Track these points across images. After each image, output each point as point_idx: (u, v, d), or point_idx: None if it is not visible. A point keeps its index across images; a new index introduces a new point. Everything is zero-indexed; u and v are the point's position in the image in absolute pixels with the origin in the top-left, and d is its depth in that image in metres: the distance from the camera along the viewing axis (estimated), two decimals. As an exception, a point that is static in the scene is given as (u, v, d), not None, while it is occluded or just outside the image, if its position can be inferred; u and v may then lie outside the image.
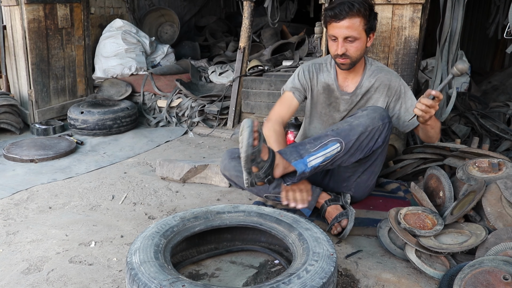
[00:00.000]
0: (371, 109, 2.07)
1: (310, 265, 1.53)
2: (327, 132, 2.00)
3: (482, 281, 1.58)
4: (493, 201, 1.94)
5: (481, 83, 4.92)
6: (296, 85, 2.37)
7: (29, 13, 4.04)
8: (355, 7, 2.01)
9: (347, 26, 2.04)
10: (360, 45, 2.11)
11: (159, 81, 4.77)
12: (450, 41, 2.89)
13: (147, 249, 1.60)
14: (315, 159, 1.91)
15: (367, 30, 2.10)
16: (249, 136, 1.75)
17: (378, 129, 2.04)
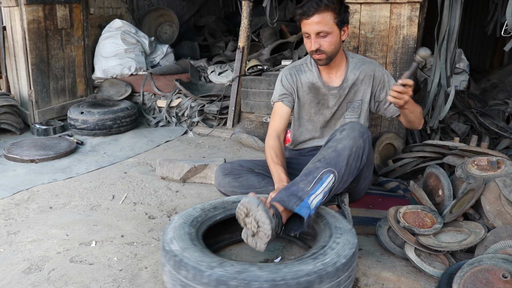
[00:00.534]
0: (349, 128, 2.02)
1: (337, 237, 1.70)
2: (316, 165, 1.88)
3: (481, 279, 1.59)
4: (492, 199, 1.95)
5: (480, 81, 4.92)
6: (283, 92, 2.38)
7: (29, 13, 4.04)
8: (323, 2, 2.04)
9: (317, 21, 2.07)
10: (334, 39, 2.14)
11: (159, 81, 4.78)
12: (448, 39, 2.89)
13: (183, 238, 1.68)
14: (315, 198, 1.79)
15: (339, 23, 2.12)
16: (267, 216, 1.63)
17: (360, 147, 1.99)
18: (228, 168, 2.32)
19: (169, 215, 2.51)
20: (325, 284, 1.47)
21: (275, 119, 2.37)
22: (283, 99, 2.38)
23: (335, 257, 1.56)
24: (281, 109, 2.38)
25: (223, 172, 2.30)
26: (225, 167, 2.33)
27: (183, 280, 1.51)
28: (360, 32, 2.83)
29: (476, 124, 3.45)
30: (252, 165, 2.38)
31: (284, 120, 2.37)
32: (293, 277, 1.43)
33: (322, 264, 1.50)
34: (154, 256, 2.06)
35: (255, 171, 2.32)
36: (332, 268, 1.49)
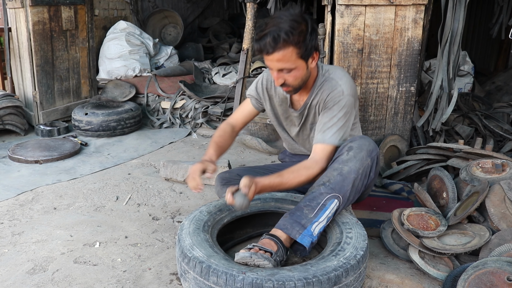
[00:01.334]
0: (356, 147, 1.92)
1: (348, 233, 1.79)
2: (320, 189, 1.84)
3: (485, 282, 1.58)
4: (497, 202, 1.94)
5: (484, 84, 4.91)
6: (253, 94, 2.26)
7: (34, 15, 4.06)
8: (281, 38, 1.78)
9: (278, 59, 1.83)
10: (299, 73, 1.92)
11: (163, 83, 4.79)
12: (451, 42, 2.89)
13: (202, 244, 1.69)
14: (318, 225, 1.79)
15: (304, 56, 1.86)
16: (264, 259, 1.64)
17: (368, 167, 1.93)
18: (226, 178, 2.33)
19: (173, 217, 2.51)
20: (350, 276, 1.57)
21: (238, 111, 2.32)
22: (251, 99, 2.28)
23: (353, 251, 1.66)
24: (246, 106, 2.30)
25: (221, 183, 2.32)
26: (223, 177, 2.34)
27: (212, 287, 1.53)
28: (365, 34, 2.83)
29: (480, 127, 3.44)
30: (251, 173, 2.37)
31: (244, 117, 2.29)
32: (323, 274, 1.51)
33: (344, 259, 1.60)
34: (158, 257, 2.06)
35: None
36: (354, 261, 1.60)
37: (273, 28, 1.79)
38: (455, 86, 2.97)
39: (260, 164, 3.33)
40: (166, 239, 2.25)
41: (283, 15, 1.82)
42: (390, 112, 3.01)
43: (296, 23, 1.80)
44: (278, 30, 1.78)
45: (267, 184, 1.85)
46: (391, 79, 2.94)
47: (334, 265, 1.57)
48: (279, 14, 1.84)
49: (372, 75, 2.92)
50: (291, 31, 1.78)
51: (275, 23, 1.81)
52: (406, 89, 2.96)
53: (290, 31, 1.78)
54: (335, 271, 1.53)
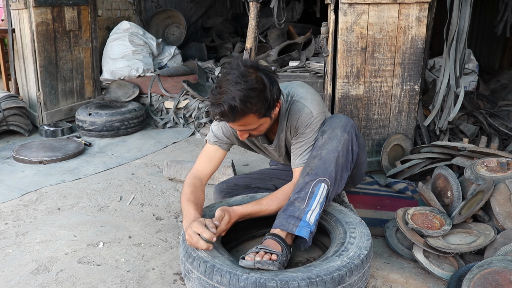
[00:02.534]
0: (328, 128, 1.90)
1: (351, 232, 1.79)
2: (305, 179, 1.83)
3: (491, 282, 1.57)
4: (502, 200, 1.93)
5: (489, 82, 4.88)
6: (221, 139, 2.09)
7: (37, 16, 4.07)
8: (238, 109, 1.67)
9: (239, 125, 1.78)
10: (264, 126, 1.87)
11: (166, 83, 4.79)
12: (457, 39, 2.87)
13: None
14: (312, 213, 1.78)
15: (267, 114, 1.78)
16: (269, 264, 1.61)
17: (347, 141, 1.90)
18: (224, 189, 2.33)
19: (177, 216, 2.51)
20: (354, 276, 1.57)
21: (203, 160, 2.10)
22: (220, 144, 2.10)
23: (357, 250, 1.66)
24: (214, 152, 2.10)
25: (220, 195, 2.33)
26: (221, 189, 2.34)
27: (216, 286, 1.53)
28: (368, 32, 2.82)
29: (485, 125, 3.42)
30: (248, 180, 2.37)
31: (212, 166, 2.10)
32: (326, 273, 1.51)
33: (348, 259, 1.60)
34: (162, 257, 2.06)
35: (251, 187, 2.32)
36: (358, 261, 1.59)
37: (227, 96, 1.67)
38: (461, 85, 2.96)
39: (264, 163, 3.33)
40: (170, 239, 2.25)
41: (235, 78, 1.68)
42: (394, 110, 3.00)
43: (252, 90, 1.68)
44: (233, 99, 1.66)
45: (246, 212, 1.85)
46: (395, 77, 2.92)
47: (338, 265, 1.57)
48: (232, 75, 1.70)
49: (376, 73, 2.90)
50: (248, 100, 1.67)
51: (229, 89, 1.68)
52: (410, 87, 2.95)
53: (247, 100, 1.67)
54: (338, 270, 1.53)
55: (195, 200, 1.88)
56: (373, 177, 2.76)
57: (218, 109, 1.69)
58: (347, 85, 2.91)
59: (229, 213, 1.78)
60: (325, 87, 3.03)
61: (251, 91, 1.68)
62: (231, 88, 1.67)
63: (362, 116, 2.99)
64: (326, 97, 3.00)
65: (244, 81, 1.67)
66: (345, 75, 2.89)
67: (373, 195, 2.55)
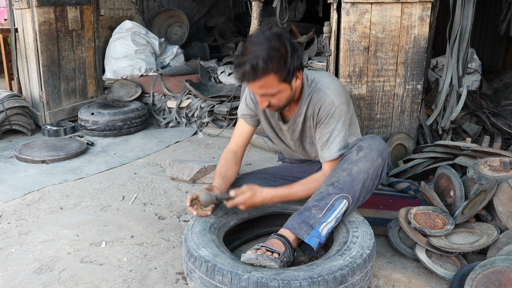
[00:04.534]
0: (366, 147, 1.89)
1: (354, 232, 1.78)
2: (329, 189, 1.82)
3: (494, 281, 1.56)
4: (505, 200, 1.92)
5: (492, 81, 4.87)
6: (245, 112, 2.20)
7: (40, 15, 4.08)
8: (259, 67, 1.71)
9: (259, 86, 1.80)
10: (284, 95, 1.88)
11: (169, 82, 4.79)
12: (460, 39, 2.86)
13: (209, 244, 1.70)
14: (326, 225, 1.78)
15: (287, 79, 1.82)
16: (270, 260, 1.63)
17: (379, 167, 1.90)
18: None
19: (179, 216, 2.51)
20: (356, 275, 1.57)
21: (235, 135, 2.23)
22: (245, 118, 2.21)
23: (360, 250, 1.66)
24: (242, 127, 2.22)
25: None
26: None
27: (218, 286, 1.53)
28: (371, 32, 2.82)
29: (488, 125, 3.41)
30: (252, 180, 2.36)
31: (243, 139, 2.21)
32: (328, 273, 1.51)
33: (350, 258, 1.60)
34: (164, 257, 2.06)
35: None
36: (360, 260, 1.59)
37: (250, 56, 1.72)
38: (464, 84, 2.95)
39: (266, 163, 3.33)
40: (172, 239, 2.25)
41: (260, 40, 1.75)
42: (396, 110, 2.99)
43: (274, 50, 1.73)
44: (256, 58, 1.71)
45: (277, 195, 1.89)
46: (397, 77, 2.92)
47: (340, 264, 1.56)
48: (256, 38, 1.77)
49: (379, 73, 2.90)
50: (270, 59, 1.72)
51: (252, 49, 1.74)
52: (412, 87, 2.94)
53: (269, 59, 1.72)
54: (341, 270, 1.53)
55: (223, 173, 2.05)
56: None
57: (241, 69, 1.76)
58: (349, 84, 2.91)
59: (254, 191, 1.83)
60: (328, 86, 3.02)
61: (274, 51, 1.73)
62: (255, 48, 1.74)
63: (365, 116, 2.99)
64: (329, 97, 2.99)
65: (268, 42, 1.74)
66: (347, 74, 2.89)
67: (375, 194, 2.54)
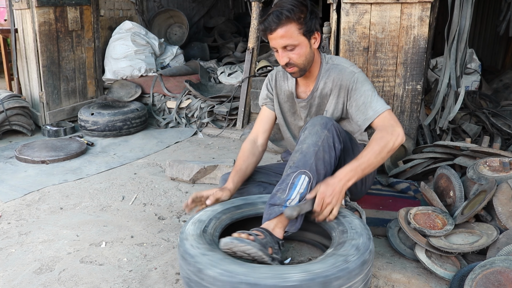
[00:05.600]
0: (309, 125, 1.97)
1: (352, 228, 1.78)
2: (287, 171, 1.90)
3: (493, 282, 1.57)
4: (505, 200, 1.92)
5: (492, 81, 4.87)
6: (266, 96, 2.33)
7: (40, 16, 4.08)
8: (284, 14, 1.92)
9: (281, 35, 1.94)
10: (303, 51, 2.00)
11: (169, 82, 4.79)
12: (458, 39, 2.87)
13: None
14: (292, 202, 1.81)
15: (306, 33, 1.97)
16: (246, 244, 1.65)
17: (328, 137, 1.93)
18: None
19: (179, 216, 2.51)
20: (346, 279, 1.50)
21: (258, 122, 2.34)
22: (267, 103, 2.33)
23: (354, 251, 1.60)
24: (263, 112, 2.34)
25: (224, 184, 2.31)
26: (226, 179, 2.32)
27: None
28: (371, 32, 2.82)
29: (488, 125, 3.41)
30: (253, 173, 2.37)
31: (265, 124, 2.32)
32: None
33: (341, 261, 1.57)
34: (164, 257, 2.07)
35: (255, 180, 2.32)
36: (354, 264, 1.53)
37: (276, 8, 1.95)
38: (462, 84, 2.95)
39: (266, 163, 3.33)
40: (172, 239, 2.25)
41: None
42: (396, 110, 3.00)
43: (297, 3, 1.94)
44: (281, 8, 1.92)
45: (351, 170, 1.83)
46: (397, 77, 2.92)
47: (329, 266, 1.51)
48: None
49: (378, 73, 2.90)
50: (293, 8, 1.91)
51: (278, 4, 1.96)
52: (412, 87, 2.94)
53: (292, 9, 1.91)
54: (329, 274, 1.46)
55: (237, 166, 2.16)
56: (375, 177, 2.76)
57: (266, 20, 1.95)
58: (349, 84, 2.91)
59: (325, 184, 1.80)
60: (327, 86, 3.03)
61: (297, 3, 1.94)
62: (280, 2, 1.96)
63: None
64: (328, 97, 3.00)
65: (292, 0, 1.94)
66: (347, 74, 2.89)
67: (375, 194, 2.55)
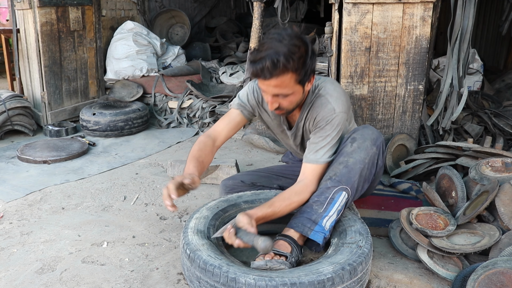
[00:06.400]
0: (359, 137, 1.90)
1: (343, 216, 1.86)
2: (327, 184, 1.84)
3: (495, 282, 1.56)
4: (507, 201, 1.92)
5: (494, 82, 4.86)
6: (245, 104, 2.11)
7: (42, 16, 4.08)
8: (280, 63, 1.66)
9: (275, 85, 1.74)
10: (295, 98, 1.84)
11: (170, 82, 4.79)
12: (461, 39, 2.86)
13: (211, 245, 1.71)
14: (329, 219, 1.79)
15: (302, 81, 1.78)
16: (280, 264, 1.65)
17: (374, 155, 1.90)
18: (229, 185, 2.32)
19: (180, 216, 2.51)
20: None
21: (221, 122, 2.11)
22: (242, 110, 2.11)
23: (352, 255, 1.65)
24: (234, 116, 2.11)
25: (225, 190, 2.32)
26: (227, 185, 2.33)
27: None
28: (372, 32, 2.82)
29: (490, 125, 3.40)
30: (254, 178, 2.36)
31: (230, 128, 2.10)
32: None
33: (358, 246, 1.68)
34: (166, 257, 2.06)
35: (257, 185, 2.32)
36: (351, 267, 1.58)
37: (270, 51, 1.67)
38: (465, 84, 2.94)
39: (268, 163, 3.33)
40: (174, 239, 2.25)
41: (281, 36, 1.70)
42: (398, 110, 2.99)
43: (296, 47, 1.69)
44: (277, 54, 1.66)
45: (261, 216, 1.79)
46: (399, 77, 2.92)
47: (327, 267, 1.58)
48: (277, 34, 1.72)
49: (380, 73, 2.90)
50: (291, 56, 1.67)
51: (273, 45, 1.68)
52: (414, 87, 2.94)
53: (290, 56, 1.67)
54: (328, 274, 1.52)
55: (199, 158, 1.91)
56: (377, 177, 2.75)
57: (259, 65, 1.68)
58: (351, 85, 2.91)
59: (251, 218, 1.75)
60: (329, 87, 3.02)
61: (296, 48, 1.68)
62: (276, 44, 1.68)
63: (366, 116, 2.99)
64: (330, 97, 2.99)
65: (290, 39, 1.69)
66: (349, 75, 2.89)
67: (377, 195, 2.55)
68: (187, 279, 1.72)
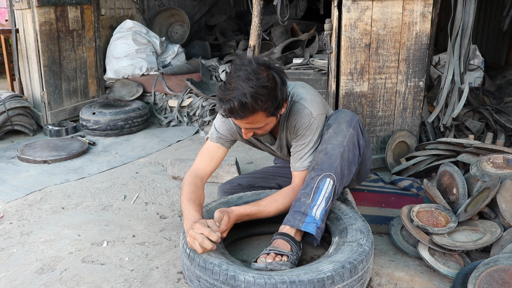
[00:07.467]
0: (333, 122, 1.89)
1: (344, 214, 1.87)
2: (311, 174, 1.83)
3: (497, 280, 1.55)
4: (508, 197, 1.91)
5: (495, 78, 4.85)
6: (224, 135, 2.06)
7: (41, 16, 4.07)
8: (248, 105, 1.63)
9: (247, 122, 1.75)
10: (270, 126, 1.85)
11: (170, 81, 4.79)
12: (462, 35, 2.84)
13: None
14: (318, 208, 1.78)
15: (275, 113, 1.77)
16: (282, 264, 1.64)
17: (353, 136, 1.89)
18: (227, 190, 2.32)
19: (180, 215, 2.51)
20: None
21: (204, 158, 2.06)
22: (223, 142, 2.07)
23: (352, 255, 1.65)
24: (215, 151, 2.07)
25: (223, 195, 2.33)
26: (224, 189, 2.33)
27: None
28: (372, 29, 2.80)
29: (491, 121, 3.39)
30: (251, 180, 2.36)
31: (214, 164, 2.07)
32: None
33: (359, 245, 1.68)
34: (166, 256, 2.06)
35: (255, 186, 2.32)
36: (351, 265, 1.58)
37: (237, 92, 1.64)
38: (466, 81, 2.93)
39: (269, 161, 3.32)
40: (174, 238, 2.24)
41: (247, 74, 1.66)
42: (398, 107, 2.98)
43: (263, 87, 1.66)
44: (244, 96, 1.63)
45: (244, 213, 1.81)
46: (399, 74, 2.90)
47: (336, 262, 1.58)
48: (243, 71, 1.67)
49: (380, 70, 2.89)
50: (258, 97, 1.65)
51: (239, 85, 1.65)
52: (414, 84, 2.92)
53: (257, 98, 1.64)
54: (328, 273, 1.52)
55: (196, 201, 1.84)
56: (378, 174, 2.75)
57: (227, 105, 1.66)
58: (351, 82, 2.89)
59: (228, 214, 1.76)
60: (329, 84, 3.01)
61: (263, 89, 1.65)
62: (242, 84, 1.64)
63: (367, 113, 2.98)
64: (330, 94, 2.98)
65: (256, 78, 1.65)
66: (349, 72, 2.88)
67: (378, 192, 2.54)
68: (187, 278, 1.72)
